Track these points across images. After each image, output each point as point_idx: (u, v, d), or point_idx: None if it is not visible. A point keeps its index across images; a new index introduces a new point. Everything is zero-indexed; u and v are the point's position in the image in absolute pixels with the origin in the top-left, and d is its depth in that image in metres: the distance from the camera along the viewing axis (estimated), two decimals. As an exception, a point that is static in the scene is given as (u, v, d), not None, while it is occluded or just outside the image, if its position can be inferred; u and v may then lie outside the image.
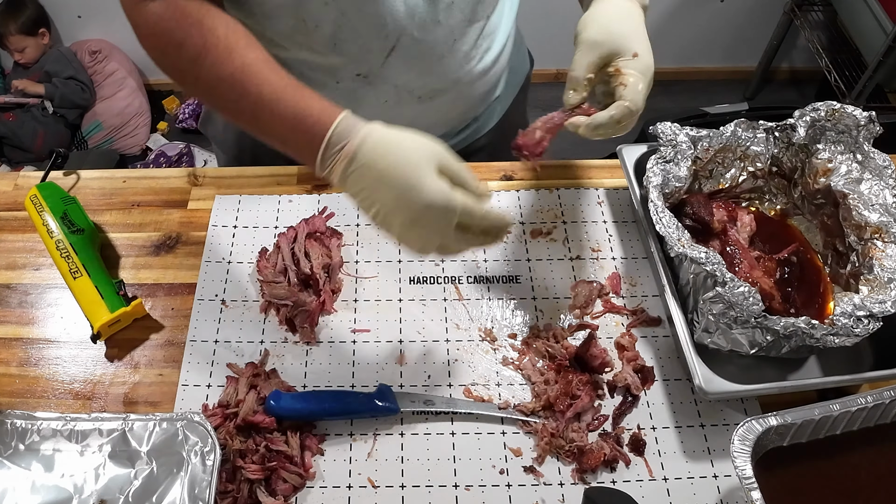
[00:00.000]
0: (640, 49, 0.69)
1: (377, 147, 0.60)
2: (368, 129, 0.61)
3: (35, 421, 0.68)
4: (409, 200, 0.58)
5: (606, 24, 0.69)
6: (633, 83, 0.67)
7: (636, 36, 0.69)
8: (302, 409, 0.71)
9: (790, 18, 2.46)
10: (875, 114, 0.79)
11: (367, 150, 0.60)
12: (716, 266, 0.69)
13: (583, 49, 0.68)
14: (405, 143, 0.60)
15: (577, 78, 0.68)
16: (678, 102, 2.76)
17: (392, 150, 0.60)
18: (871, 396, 0.65)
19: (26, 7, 2.44)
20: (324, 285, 0.80)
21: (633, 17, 0.71)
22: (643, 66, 0.68)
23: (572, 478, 0.69)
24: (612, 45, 0.68)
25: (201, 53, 0.65)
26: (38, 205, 0.84)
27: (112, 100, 2.57)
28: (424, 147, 0.60)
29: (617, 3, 0.71)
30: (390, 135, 0.61)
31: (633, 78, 0.68)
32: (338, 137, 0.61)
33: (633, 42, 0.68)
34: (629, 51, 0.68)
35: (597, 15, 0.70)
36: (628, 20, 0.70)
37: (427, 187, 0.58)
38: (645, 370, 0.76)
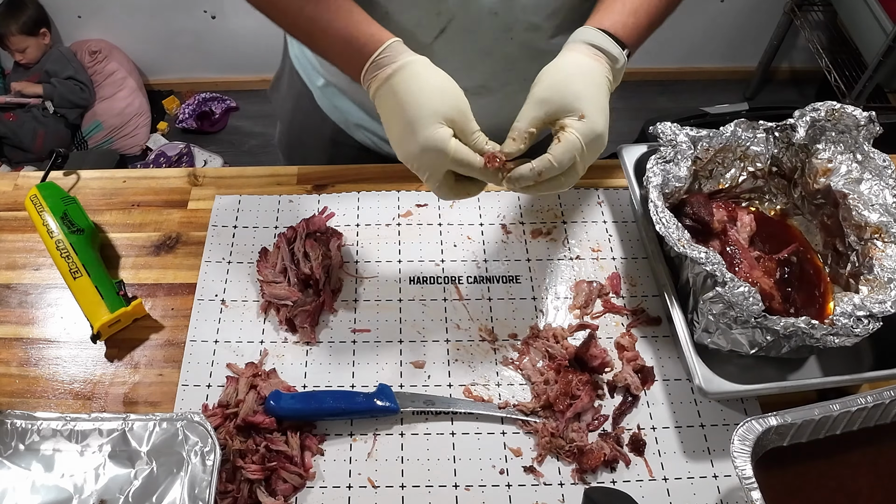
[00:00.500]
0: (589, 111, 0.64)
1: (404, 80, 0.64)
2: (406, 62, 0.64)
3: (35, 421, 0.68)
4: (408, 137, 0.64)
5: (559, 81, 0.65)
6: (567, 141, 0.63)
7: (589, 97, 0.64)
8: (302, 409, 0.71)
9: (790, 18, 2.47)
10: (875, 114, 0.79)
11: (396, 80, 0.64)
12: (716, 266, 0.69)
13: (531, 103, 0.65)
14: (428, 85, 0.63)
15: (519, 130, 0.65)
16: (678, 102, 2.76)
17: (414, 88, 0.63)
18: (871, 396, 0.65)
19: (27, 7, 2.44)
20: (324, 285, 0.80)
21: (591, 78, 0.66)
22: (587, 129, 0.63)
23: (572, 478, 0.69)
24: (559, 103, 0.64)
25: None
26: (38, 205, 0.84)
27: (112, 100, 2.57)
28: (442, 95, 0.63)
29: (578, 61, 0.67)
30: (421, 73, 0.64)
31: (571, 137, 0.63)
32: (382, 61, 0.65)
33: (582, 103, 0.64)
34: (576, 112, 0.64)
35: (554, 70, 0.66)
36: (584, 80, 0.65)
37: (423, 132, 0.62)
38: (645, 370, 0.76)
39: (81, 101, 2.52)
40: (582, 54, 0.67)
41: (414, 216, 0.90)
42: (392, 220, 0.89)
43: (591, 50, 0.67)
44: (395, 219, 0.89)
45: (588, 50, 0.67)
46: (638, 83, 2.78)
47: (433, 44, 0.80)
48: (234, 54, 2.65)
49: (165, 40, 2.63)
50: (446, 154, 0.62)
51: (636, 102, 2.70)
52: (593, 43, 0.67)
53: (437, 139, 0.62)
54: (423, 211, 0.90)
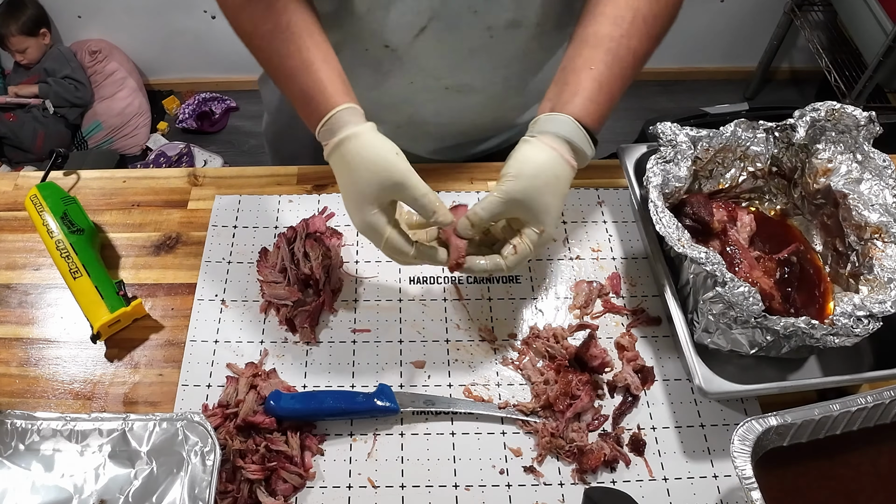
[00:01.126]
0: (549, 226, 0.67)
1: (342, 159, 0.65)
2: (346, 136, 0.65)
3: (35, 421, 0.68)
4: (352, 213, 0.67)
5: (534, 188, 0.65)
6: (522, 253, 0.66)
7: (553, 213, 0.66)
8: (302, 409, 0.71)
9: (790, 18, 2.46)
10: (875, 114, 0.79)
11: (337, 156, 0.66)
12: (716, 266, 0.69)
13: (499, 198, 0.65)
14: (363, 166, 0.64)
15: (481, 219, 0.65)
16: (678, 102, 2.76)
17: (354, 165, 0.65)
18: (871, 396, 0.65)
19: (27, 7, 2.44)
20: (324, 285, 0.80)
21: (561, 190, 0.67)
22: (541, 242, 0.67)
23: (572, 478, 0.69)
24: (527, 211, 0.66)
25: (244, 4, 0.71)
26: (38, 205, 0.84)
27: (112, 100, 2.58)
28: (377, 178, 0.64)
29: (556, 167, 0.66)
30: (357, 153, 0.64)
31: (525, 250, 0.66)
32: (329, 126, 0.66)
33: (548, 217, 0.66)
34: (539, 224, 0.66)
35: (532, 170, 0.65)
36: (555, 193, 0.66)
37: (360, 215, 0.65)
38: (645, 370, 0.76)
39: (77, 100, 2.51)
40: (561, 157, 0.66)
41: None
42: (392, 220, 0.89)
43: (569, 152, 0.67)
44: (395, 219, 0.89)
45: (567, 152, 0.67)
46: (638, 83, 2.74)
47: (414, 42, 0.80)
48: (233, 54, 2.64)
49: (165, 40, 2.63)
50: (381, 238, 0.65)
51: (636, 102, 2.69)
52: (573, 143, 0.67)
53: (371, 225, 0.65)
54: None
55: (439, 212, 0.65)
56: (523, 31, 0.80)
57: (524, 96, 0.93)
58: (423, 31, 0.78)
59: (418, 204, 0.64)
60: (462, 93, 0.88)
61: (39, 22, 2.48)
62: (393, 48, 0.82)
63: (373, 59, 0.84)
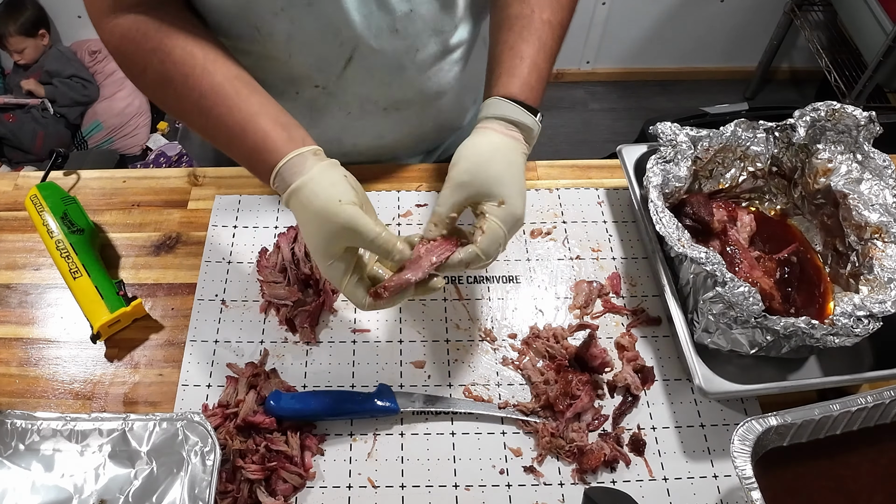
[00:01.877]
0: (509, 195, 0.64)
1: (295, 211, 0.63)
2: (293, 189, 0.62)
3: (35, 421, 0.68)
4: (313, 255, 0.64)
5: (477, 164, 0.64)
6: (491, 231, 0.63)
7: (507, 181, 0.64)
8: (302, 409, 0.71)
9: (790, 18, 2.47)
10: (875, 114, 0.79)
11: (296, 200, 0.63)
12: (716, 266, 0.69)
13: (450, 187, 0.64)
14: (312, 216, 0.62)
15: (440, 215, 0.64)
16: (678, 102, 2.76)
17: (303, 220, 0.63)
18: (871, 396, 0.65)
19: (26, 8, 2.44)
20: (324, 285, 0.80)
21: (508, 158, 0.65)
22: (507, 214, 0.64)
23: (572, 478, 0.69)
24: (478, 187, 0.64)
25: (163, 82, 0.67)
26: (38, 205, 0.84)
27: (112, 100, 2.57)
28: (328, 230, 0.61)
29: (493, 140, 0.66)
30: (304, 204, 0.62)
31: (493, 227, 0.63)
32: (279, 183, 0.64)
33: (502, 188, 0.64)
34: (496, 197, 0.64)
35: (470, 152, 0.65)
36: (502, 162, 0.65)
37: (321, 262, 0.63)
38: (645, 370, 0.76)
39: (85, 98, 2.51)
40: (496, 133, 0.66)
41: (414, 216, 0.90)
42: (392, 220, 0.89)
43: (504, 126, 0.67)
44: (395, 219, 0.89)
45: (502, 126, 0.66)
46: (638, 83, 2.78)
47: (344, 73, 0.80)
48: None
49: (165, 40, 2.63)
50: (341, 286, 0.63)
51: (636, 102, 2.70)
52: (507, 118, 0.67)
53: (331, 275, 0.63)
54: (423, 211, 0.90)
55: (394, 250, 0.62)
56: (445, 35, 0.81)
57: (458, 94, 0.93)
58: (350, 62, 0.79)
59: (375, 246, 0.61)
60: (400, 110, 0.88)
61: (38, 23, 2.48)
62: (323, 86, 0.82)
63: (306, 99, 0.84)
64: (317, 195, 0.61)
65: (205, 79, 0.66)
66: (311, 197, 0.61)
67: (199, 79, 0.66)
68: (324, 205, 0.61)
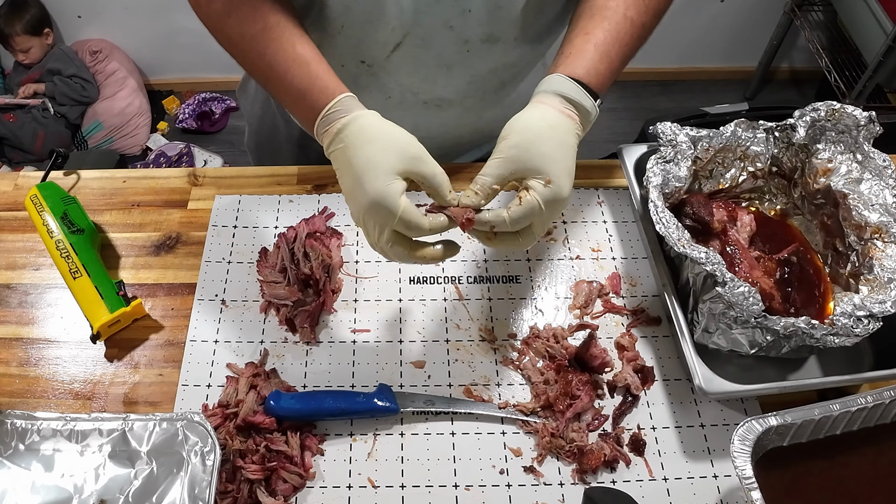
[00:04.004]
0: (557, 175, 0.62)
1: (354, 134, 0.63)
2: (355, 116, 0.63)
3: (35, 421, 0.68)
4: (357, 193, 0.62)
5: (528, 139, 0.62)
6: (527, 204, 0.61)
7: (557, 160, 0.62)
8: (302, 409, 0.71)
9: (790, 18, 2.46)
10: (875, 114, 0.79)
11: (346, 135, 0.63)
12: (716, 266, 0.69)
13: (498, 158, 0.63)
14: (379, 138, 0.62)
15: (484, 184, 0.63)
16: (678, 102, 2.76)
17: (364, 141, 0.62)
18: (871, 396, 0.65)
19: (30, 7, 2.44)
20: (324, 285, 0.80)
21: (560, 137, 0.64)
22: (551, 195, 0.62)
23: (572, 478, 0.69)
24: (527, 163, 0.62)
25: (229, 8, 0.70)
26: (39, 205, 0.84)
27: (112, 100, 2.58)
28: (395, 147, 0.61)
29: (548, 117, 0.64)
30: (371, 126, 0.63)
31: (532, 201, 0.61)
32: (337, 110, 0.64)
33: (550, 167, 0.62)
34: (543, 174, 0.62)
35: (522, 125, 0.63)
36: (553, 140, 0.63)
37: (372, 186, 0.60)
38: (645, 370, 0.76)
39: (84, 99, 2.52)
40: (553, 109, 0.65)
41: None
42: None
43: (562, 103, 0.65)
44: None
45: (560, 103, 0.65)
46: (638, 83, 2.78)
47: (390, 57, 0.80)
48: (234, 54, 2.65)
49: (165, 40, 2.63)
50: (396, 209, 0.60)
51: (636, 102, 2.69)
52: (566, 95, 0.65)
53: (386, 193, 0.60)
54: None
55: (450, 189, 0.62)
56: (500, 45, 0.80)
57: (504, 108, 0.93)
58: (399, 48, 0.78)
59: (436, 181, 0.62)
60: (440, 107, 0.88)
61: (43, 22, 2.48)
62: (369, 64, 0.82)
63: (349, 74, 0.83)
64: (388, 123, 0.63)
65: (273, 14, 0.68)
66: (383, 123, 0.63)
67: (266, 13, 0.68)
68: (398, 129, 0.63)
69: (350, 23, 0.76)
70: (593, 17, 0.70)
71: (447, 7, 0.74)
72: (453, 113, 0.89)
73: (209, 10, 0.72)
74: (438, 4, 0.73)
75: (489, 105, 0.90)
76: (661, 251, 0.78)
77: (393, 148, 0.61)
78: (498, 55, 0.81)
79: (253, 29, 0.69)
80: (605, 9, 0.70)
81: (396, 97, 0.86)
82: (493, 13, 0.75)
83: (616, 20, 0.70)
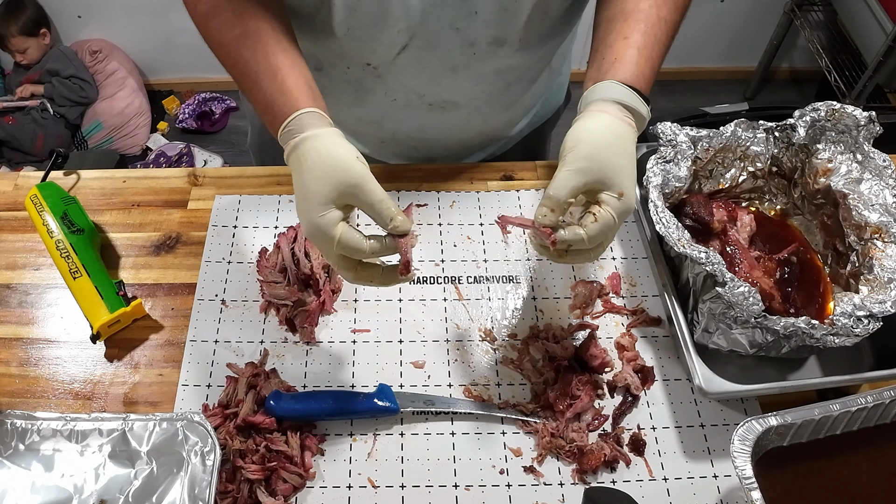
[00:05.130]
0: (628, 187, 0.62)
1: (298, 159, 0.63)
2: (305, 137, 0.62)
3: (35, 421, 0.68)
4: (302, 215, 0.62)
5: (598, 150, 0.62)
6: (603, 220, 0.61)
7: (627, 172, 0.62)
8: (302, 409, 0.71)
9: (790, 18, 2.47)
10: (875, 114, 0.79)
11: (294, 158, 0.63)
12: (716, 266, 0.69)
13: (569, 171, 0.61)
14: (318, 165, 0.61)
15: (558, 199, 0.61)
16: (678, 102, 2.76)
17: (305, 168, 0.62)
18: (871, 396, 0.65)
19: (26, 8, 2.44)
20: (324, 285, 0.80)
21: (626, 147, 0.63)
22: (624, 207, 0.62)
23: (572, 478, 0.69)
24: (598, 174, 0.61)
25: (211, 13, 0.70)
26: (38, 205, 0.84)
27: (112, 100, 2.58)
28: (332, 177, 0.60)
29: (611, 125, 0.63)
30: (314, 151, 0.62)
31: (606, 216, 0.61)
32: (291, 128, 0.64)
33: (623, 179, 0.62)
34: (617, 188, 0.61)
35: (590, 136, 0.63)
36: (621, 150, 0.63)
37: (307, 218, 0.61)
38: (645, 370, 0.76)
39: (83, 99, 2.52)
40: (614, 118, 0.64)
41: (414, 216, 0.90)
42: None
43: (621, 111, 0.64)
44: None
45: (619, 111, 0.64)
46: (638, 83, 2.77)
47: (396, 59, 0.79)
48: (234, 54, 2.64)
49: (165, 40, 2.63)
50: (332, 239, 0.60)
51: (636, 102, 2.69)
52: (624, 103, 0.65)
53: (320, 227, 0.60)
54: (423, 211, 0.90)
55: (396, 218, 0.60)
56: (506, 47, 0.79)
57: (509, 111, 0.93)
58: (405, 50, 0.78)
59: (375, 210, 0.60)
60: (445, 109, 0.88)
61: (39, 22, 2.48)
62: (374, 66, 0.82)
63: (354, 77, 0.84)
64: (335, 145, 0.62)
65: (254, 19, 0.68)
66: (327, 146, 0.62)
67: (248, 18, 0.68)
68: (340, 154, 0.61)
69: (356, 25, 0.76)
70: (628, 21, 0.69)
71: (453, 9, 0.74)
72: (458, 115, 0.89)
73: (195, 12, 0.73)
74: (444, 6, 0.73)
75: (494, 107, 0.90)
76: (661, 251, 0.78)
77: (331, 177, 0.60)
78: (503, 58, 0.81)
79: (231, 34, 0.68)
80: (638, 11, 0.70)
81: (402, 99, 0.86)
82: (500, 15, 0.75)
83: (652, 22, 0.70)
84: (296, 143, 0.63)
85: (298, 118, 0.63)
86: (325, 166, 0.61)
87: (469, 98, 0.86)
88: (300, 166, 0.62)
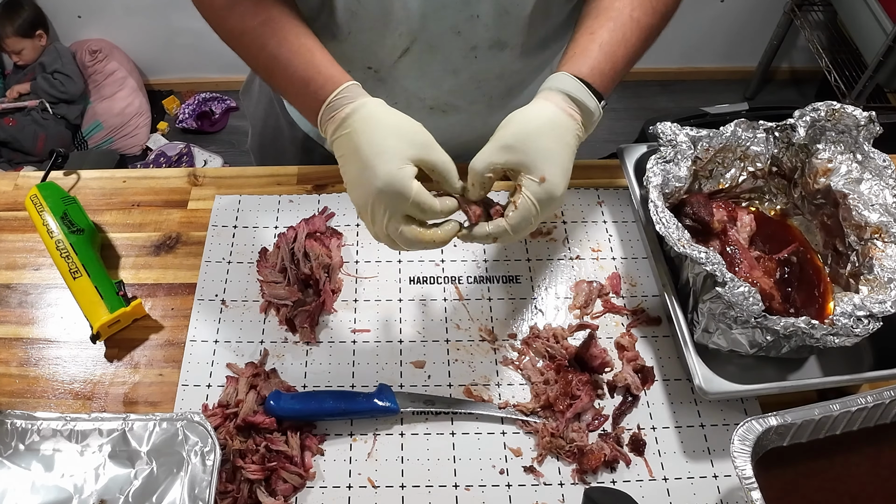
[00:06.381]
0: (551, 174, 0.61)
1: (363, 120, 0.62)
2: (363, 102, 0.63)
3: (35, 421, 0.68)
4: (366, 177, 0.60)
5: (527, 132, 0.62)
6: (523, 208, 0.61)
7: (553, 158, 0.61)
8: (302, 409, 0.71)
9: (790, 18, 2.47)
10: (875, 114, 0.79)
11: (353, 121, 0.62)
12: (716, 266, 0.69)
13: (492, 147, 0.62)
14: (389, 124, 0.62)
15: (477, 172, 0.62)
16: (678, 102, 2.76)
17: (374, 127, 0.61)
18: (871, 396, 0.65)
19: (23, 9, 2.44)
20: (324, 285, 0.80)
21: (560, 136, 0.63)
22: (544, 193, 0.61)
23: (572, 478, 0.69)
24: (521, 156, 0.61)
25: (231, 4, 0.70)
26: (39, 205, 0.84)
27: (112, 100, 2.57)
28: (405, 134, 0.61)
29: (550, 114, 0.63)
30: (380, 113, 0.62)
31: (526, 204, 0.61)
32: (337, 102, 0.64)
33: (546, 163, 0.61)
34: (538, 171, 0.61)
35: (523, 118, 0.63)
36: (553, 137, 0.62)
37: (384, 170, 0.59)
38: (645, 370, 0.76)
39: (64, 94, 2.47)
40: (556, 106, 0.64)
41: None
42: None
43: (566, 102, 0.65)
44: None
45: (563, 101, 0.64)
46: (638, 83, 2.78)
47: (397, 63, 0.79)
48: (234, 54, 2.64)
49: (165, 40, 2.63)
50: (409, 192, 0.59)
51: (636, 102, 2.69)
52: (570, 94, 0.65)
53: (398, 177, 0.59)
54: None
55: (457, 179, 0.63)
56: (507, 51, 0.79)
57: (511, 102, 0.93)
58: (406, 53, 0.78)
59: (444, 168, 0.61)
60: (446, 113, 0.87)
61: (36, 23, 2.48)
62: (376, 70, 0.82)
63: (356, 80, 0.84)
64: (394, 111, 0.63)
65: (275, 7, 0.69)
66: (390, 110, 0.63)
67: (268, 6, 0.69)
68: (403, 117, 0.62)
69: (357, 28, 0.76)
70: (598, 17, 0.70)
71: (455, 12, 0.74)
72: (460, 118, 0.89)
73: (212, 5, 0.72)
74: (446, 10, 0.73)
75: (496, 111, 0.90)
76: (661, 251, 0.78)
77: (403, 134, 0.61)
78: (505, 61, 0.81)
79: (254, 22, 0.69)
80: (611, 9, 0.70)
81: (403, 103, 0.86)
82: (501, 18, 0.75)
83: (622, 21, 0.70)
84: (355, 108, 0.63)
85: (349, 87, 0.64)
86: (396, 125, 0.62)
87: (470, 101, 0.86)
88: (366, 127, 0.62)
